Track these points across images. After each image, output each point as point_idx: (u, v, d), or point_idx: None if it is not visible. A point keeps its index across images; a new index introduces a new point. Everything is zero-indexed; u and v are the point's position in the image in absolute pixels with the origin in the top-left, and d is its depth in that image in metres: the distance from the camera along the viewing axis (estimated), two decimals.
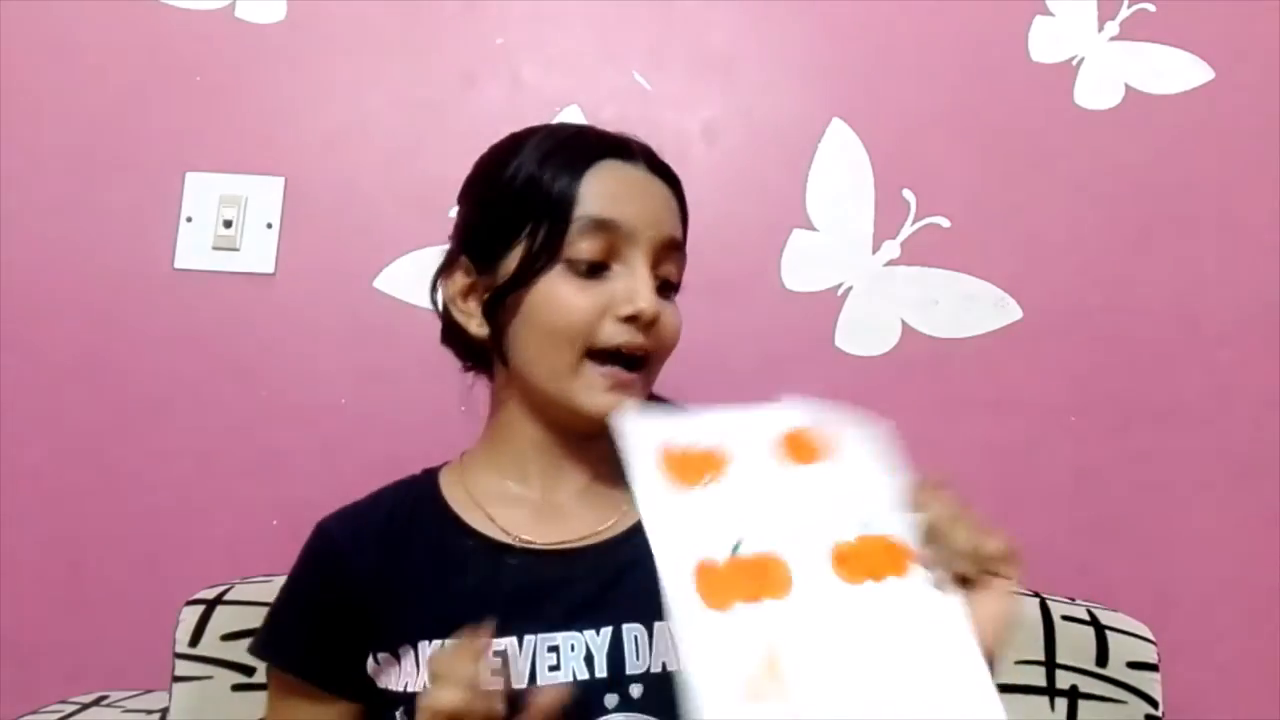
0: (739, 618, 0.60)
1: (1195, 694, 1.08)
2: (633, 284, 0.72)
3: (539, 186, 0.74)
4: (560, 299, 0.72)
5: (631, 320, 0.72)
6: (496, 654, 0.70)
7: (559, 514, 0.77)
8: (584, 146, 0.76)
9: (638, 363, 0.74)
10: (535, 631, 0.72)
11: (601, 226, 0.72)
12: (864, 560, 0.62)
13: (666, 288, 0.76)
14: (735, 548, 0.62)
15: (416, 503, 0.80)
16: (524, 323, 0.74)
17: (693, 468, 0.64)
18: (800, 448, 0.66)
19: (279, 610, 0.79)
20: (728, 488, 0.64)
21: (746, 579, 0.61)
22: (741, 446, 0.65)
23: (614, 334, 0.72)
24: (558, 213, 0.73)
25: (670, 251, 0.75)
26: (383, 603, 0.75)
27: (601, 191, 0.74)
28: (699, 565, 0.60)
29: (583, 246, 0.72)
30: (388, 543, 0.77)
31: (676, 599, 0.59)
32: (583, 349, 0.72)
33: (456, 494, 0.79)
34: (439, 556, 0.76)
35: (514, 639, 0.71)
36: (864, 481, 0.65)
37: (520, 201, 0.74)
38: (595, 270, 0.73)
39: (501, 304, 0.75)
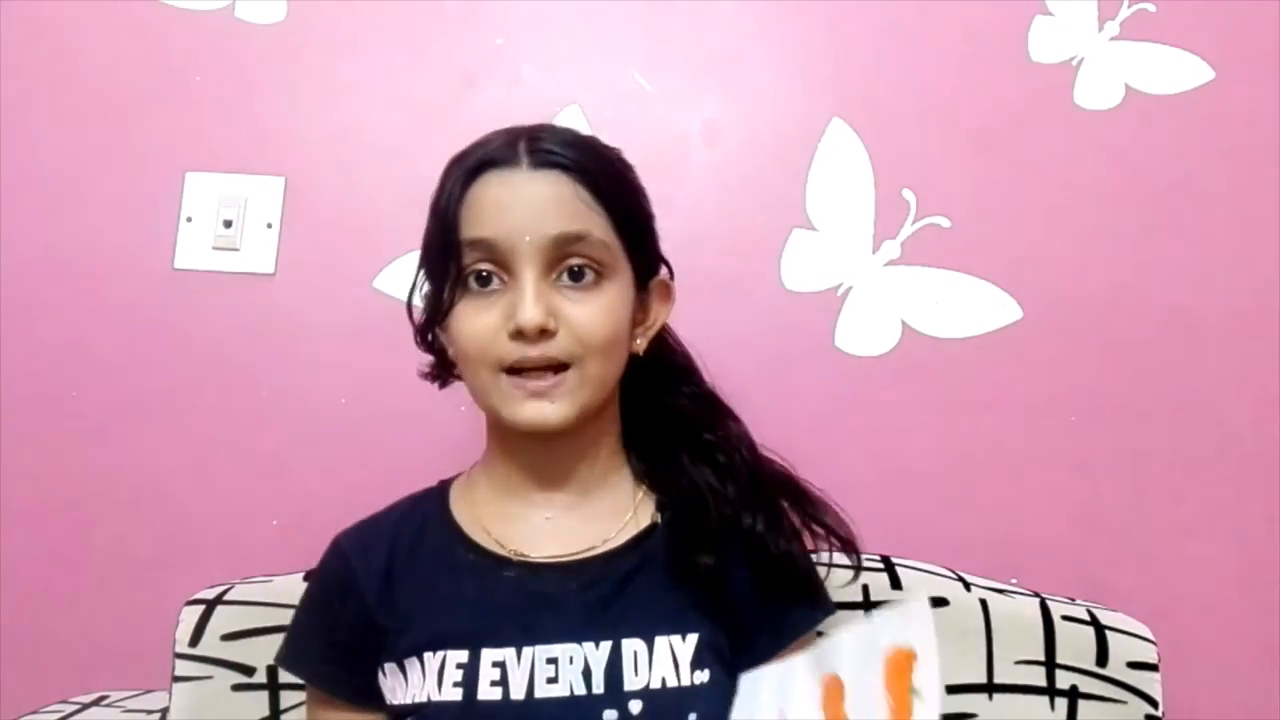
0: None
1: (1195, 694, 1.08)
2: (514, 298, 0.72)
3: (436, 215, 0.76)
4: (463, 323, 0.74)
5: (519, 336, 0.71)
6: (495, 665, 0.71)
7: (555, 528, 0.78)
8: (465, 166, 0.75)
9: (560, 369, 0.73)
10: (533, 644, 0.72)
11: (477, 246, 0.73)
12: None
13: (579, 277, 0.73)
14: None
15: (426, 516, 0.80)
16: (452, 347, 0.77)
17: None
18: None
19: (298, 623, 0.81)
20: None
21: None
22: None
23: (509, 352, 0.72)
24: (450, 241, 0.73)
25: (568, 244, 0.72)
26: (389, 616, 0.75)
27: (476, 209, 0.73)
28: None
29: (469, 269, 0.73)
30: (395, 556, 0.78)
31: None
32: (494, 367, 0.72)
33: (462, 507, 0.80)
34: (441, 570, 0.77)
35: (512, 650, 0.72)
36: None
37: (432, 231, 0.76)
38: (488, 288, 0.73)
39: (435, 331, 0.78)
